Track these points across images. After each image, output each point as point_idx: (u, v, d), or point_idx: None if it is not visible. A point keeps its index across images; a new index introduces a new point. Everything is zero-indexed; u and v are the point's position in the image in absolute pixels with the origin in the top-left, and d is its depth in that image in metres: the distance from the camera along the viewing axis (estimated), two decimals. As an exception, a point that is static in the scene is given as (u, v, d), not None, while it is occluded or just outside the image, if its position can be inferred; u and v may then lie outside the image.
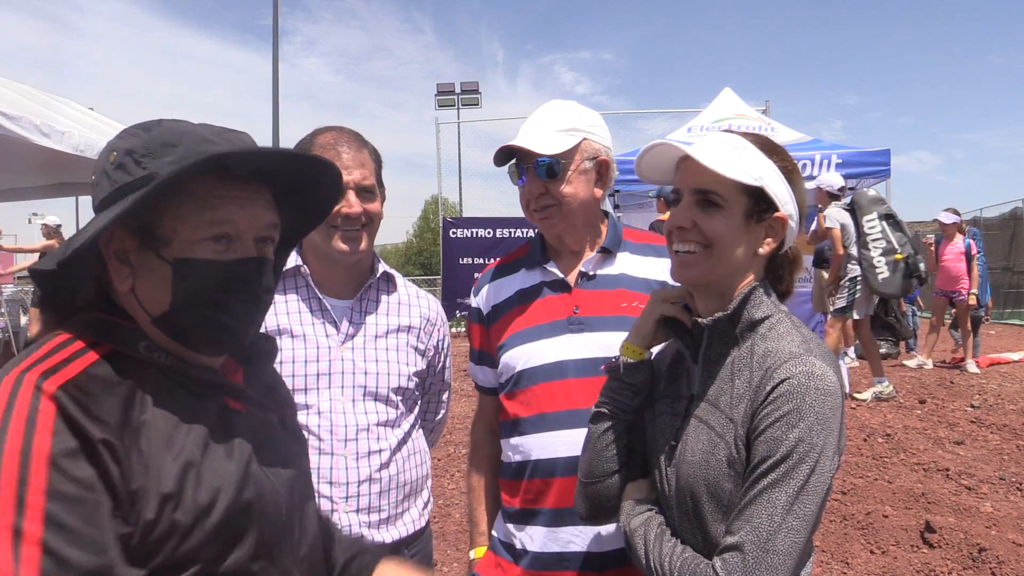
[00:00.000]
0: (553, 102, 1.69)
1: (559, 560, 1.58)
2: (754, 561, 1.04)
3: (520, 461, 1.63)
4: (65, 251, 0.91)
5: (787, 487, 1.06)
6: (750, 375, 1.15)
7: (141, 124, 1.00)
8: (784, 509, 1.05)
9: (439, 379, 1.99)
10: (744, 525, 1.07)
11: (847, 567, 3.71)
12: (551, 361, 1.61)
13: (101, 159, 0.99)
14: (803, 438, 1.06)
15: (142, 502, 0.86)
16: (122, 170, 0.95)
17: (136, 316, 0.99)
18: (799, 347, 1.14)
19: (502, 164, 1.69)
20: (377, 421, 1.70)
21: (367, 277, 1.81)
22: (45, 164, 5.16)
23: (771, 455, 1.07)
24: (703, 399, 1.21)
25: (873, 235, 8.11)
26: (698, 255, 1.20)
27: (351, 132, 1.76)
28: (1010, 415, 6.61)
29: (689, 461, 1.18)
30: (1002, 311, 16.27)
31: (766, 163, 1.20)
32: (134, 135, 0.98)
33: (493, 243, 13.52)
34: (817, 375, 1.09)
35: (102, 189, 0.97)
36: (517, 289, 1.72)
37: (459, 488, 4.98)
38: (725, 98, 10.95)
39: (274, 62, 15.52)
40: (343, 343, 1.72)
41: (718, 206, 1.18)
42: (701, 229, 1.18)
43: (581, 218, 1.66)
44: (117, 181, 0.95)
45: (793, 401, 1.08)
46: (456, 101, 30.61)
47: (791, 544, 1.05)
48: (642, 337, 1.33)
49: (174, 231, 0.95)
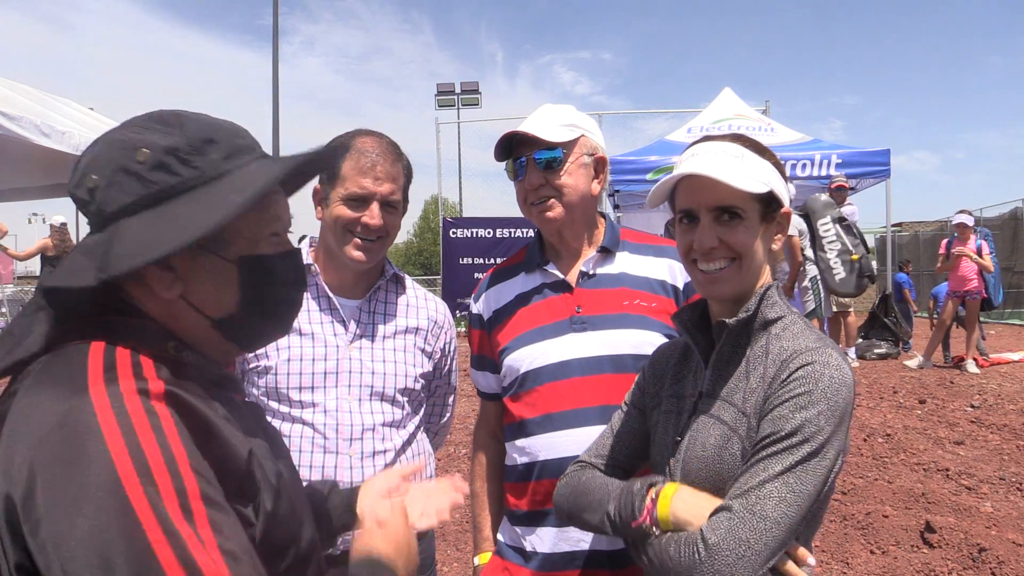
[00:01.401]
0: (549, 104, 1.72)
1: (570, 559, 1.58)
2: (739, 520, 1.03)
3: (527, 463, 1.63)
4: (109, 264, 0.83)
5: (784, 460, 1.05)
6: (764, 371, 1.16)
7: (152, 118, 0.92)
8: (777, 477, 1.04)
9: (445, 382, 1.99)
10: (736, 490, 1.07)
11: (847, 567, 3.71)
12: (556, 361, 1.61)
13: (114, 157, 0.88)
14: (810, 420, 1.06)
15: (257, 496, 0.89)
16: (164, 170, 0.88)
17: (178, 321, 0.94)
18: (816, 342, 1.15)
19: (503, 158, 1.70)
20: (383, 421, 1.71)
21: (376, 278, 1.82)
22: (45, 164, 5.16)
23: (776, 432, 1.07)
24: (713, 396, 1.22)
25: (828, 238, 8.42)
26: (728, 270, 1.20)
27: (390, 142, 1.76)
28: (1010, 415, 6.62)
29: (699, 456, 1.18)
30: (1002, 311, 16.26)
31: (765, 165, 1.22)
32: (161, 131, 0.90)
33: (493, 243, 13.52)
34: (834, 365, 1.10)
35: (126, 191, 0.87)
36: (518, 293, 1.73)
37: (459, 488, 4.97)
38: (725, 98, 10.96)
39: (274, 62, 15.53)
40: (351, 342, 1.73)
41: (740, 218, 1.19)
42: (728, 244, 1.19)
43: (579, 212, 1.66)
44: (157, 182, 0.88)
45: (807, 385, 1.08)
46: (456, 101, 30.64)
47: (780, 514, 1.03)
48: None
49: (237, 231, 0.94)
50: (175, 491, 0.74)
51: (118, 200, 0.87)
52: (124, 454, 0.74)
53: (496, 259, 12.88)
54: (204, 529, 0.75)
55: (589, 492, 1.29)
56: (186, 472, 0.76)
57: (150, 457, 0.75)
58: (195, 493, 0.76)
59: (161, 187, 0.88)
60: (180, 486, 0.75)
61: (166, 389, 0.81)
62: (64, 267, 0.86)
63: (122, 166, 0.88)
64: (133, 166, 0.87)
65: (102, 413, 0.76)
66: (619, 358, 1.59)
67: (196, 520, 0.75)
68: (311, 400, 1.66)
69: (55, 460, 0.74)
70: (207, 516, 0.76)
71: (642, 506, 1.16)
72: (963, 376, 8.78)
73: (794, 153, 9.45)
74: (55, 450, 0.74)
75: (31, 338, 0.86)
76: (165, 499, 0.73)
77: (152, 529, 0.72)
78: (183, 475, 0.76)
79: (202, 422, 0.84)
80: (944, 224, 19.94)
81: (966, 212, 9.44)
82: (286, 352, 1.68)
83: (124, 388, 0.79)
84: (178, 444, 0.78)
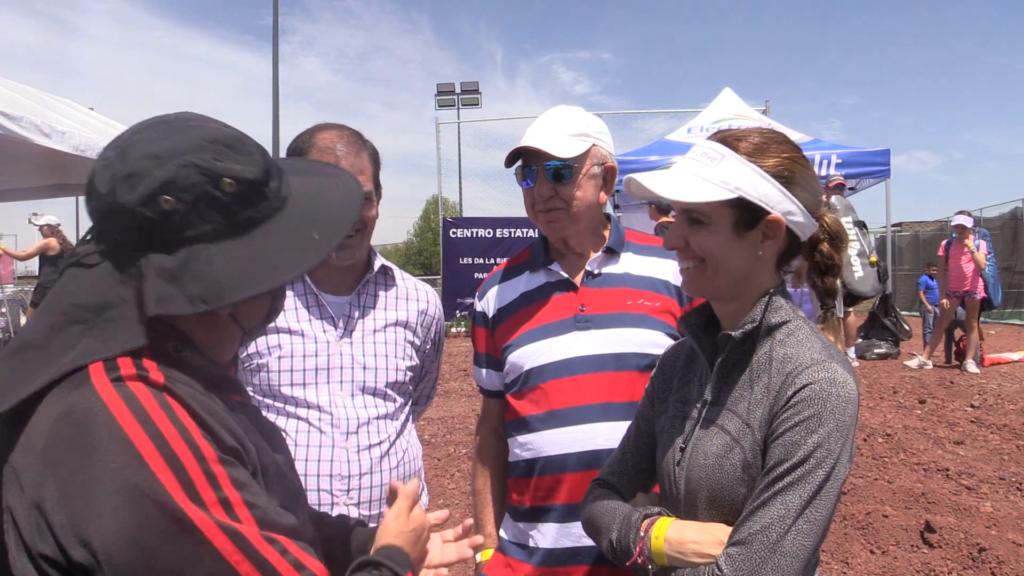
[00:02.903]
0: (561, 107, 1.70)
1: (572, 555, 1.59)
2: (760, 559, 1.04)
3: (530, 459, 1.64)
4: (213, 295, 0.84)
5: (802, 490, 1.06)
6: (768, 380, 1.15)
7: (215, 138, 0.90)
8: (797, 512, 1.05)
9: (432, 368, 2.02)
10: (754, 524, 1.07)
11: (847, 567, 3.71)
12: (559, 359, 1.63)
13: (196, 183, 0.86)
14: (821, 443, 1.06)
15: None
16: (247, 201, 0.89)
17: (213, 332, 0.95)
18: (820, 353, 1.14)
19: (512, 165, 1.70)
20: (376, 415, 1.72)
21: (364, 273, 1.83)
22: (45, 164, 5.16)
23: (788, 458, 1.07)
24: (718, 404, 1.22)
25: (850, 236, 8.43)
26: (696, 270, 1.22)
27: (351, 132, 1.76)
28: (1010, 415, 6.62)
29: (701, 464, 1.18)
30: (1002, 311, 16.26)
31: (745, 170, 1.17)
32: (237, 159, 0.90)
33: (493, 243, 13.53)
34: (839, 382, 1.09)
35: (208, 219, 0.87)
36: (522, 291, 1.74)
37: (459, 488, 4.99)
38: (725, 98, 10.97)
39: (274, 62, 15.53)
40: (341, 338, 1.74)
41: (702, 223, 1.20)
42: (692, 246, 1.21)
43: (586, 222, 1.68)
44: (239, 213, 0.89)
45: (814, 407, 1.08)
46: (456, 101, 30.64)
47: (799, 547, 1.05)
48: None
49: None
50: (195, 459, 0.79)
51: (198, 226, 0.87)
52: (141, 433, 0.77)
53: (496, 259, 12.90)
54: (229, 489, 0.81)
55: (599, 516, 1.31)
56: (201, 442, 0.81)
57: (165, 432, 0.79)
58: (213, 457, 0.81)
59: (242, 218, 0.89)
60: (199, 454, 0.80)
61: (166, 381, 0.84)
62: (149, 292, 0.84)
63: (206, 193, 0.87)
64: (218, 195, 0.87)
65: (109, 400, 0.79)
66: (622, 356, 1.60)
67: (221, 482, 0.80)
68: (304, 396, 1.68)
69: (68, 449, 0.77)
70: (228, 477, 0.82)
71: (637, 539, 1.18)
72: (963, 376, 8.79)
73: (794, 153, 9.45)
74: (66, 440, 0.77)
75: (72, 355, 0.83)
76: (189, 468, 0.78)
77: (182, 499, 0.77)
78: (199, 444, 0.81)
79: (206, 408, 0.86)
80: (944, 224, 19.92)
81: (965, 213, 9.44)
82: (278, 350, 1.69)
83: (126, 375, 0.82)
84: (187, 418, 0.82)
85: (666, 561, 1.14)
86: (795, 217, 1.19)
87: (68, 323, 0.85)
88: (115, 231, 0.88)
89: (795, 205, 1.19)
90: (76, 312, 0.86)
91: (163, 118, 0.93)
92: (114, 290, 0.87)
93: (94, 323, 0.85)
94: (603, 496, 1.35)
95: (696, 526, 1.16)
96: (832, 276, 1.27)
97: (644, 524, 1.19)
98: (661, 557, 1.15)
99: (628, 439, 1.43)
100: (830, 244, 1.27)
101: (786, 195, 1.18)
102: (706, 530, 1.14)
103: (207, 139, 0.89)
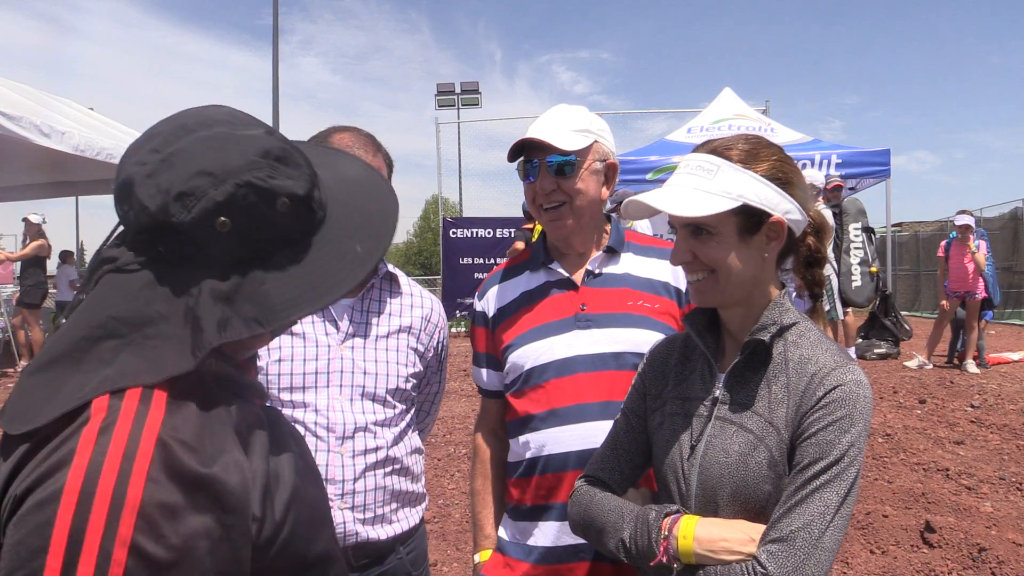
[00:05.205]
0: (563, 105, 1.71)
1: (574, 552, 1.59)
2: (804, 555, 1.06)
3: (531, 458, 1.64)
4: (267, 319, 0.82)
5: (838, 488, 1.09)
6: (787, 380, 1.18)
7: (260, 150, 0.84)
8: (835, 508, 1.09)
9: (435, 379, 2.00)
10: (794, 521, 1.08)
11: (847, 567, 3.71)
12: (560, 358, 1.63)
13: (253, 203, 0.82)
14: (853, 443, 1.11)
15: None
16: (298, 220, 0.87)
17: (238, 343, 0.90)
18: (839, 356, 1.19)
19: (514, 160, 1.70)
20: (375, 420, 1.71)
21: (370, 276, 1.82)
22: (45, 164, 5.17)
23: (823, 457, 1.10)
24: (733, 403, 1.23)
25: (856, 243, 8.41)
26: (707, 281, 1.24)
27: (367, 136, 1.76)
28: (1010, 415, 6.62)
29: (721, 462, 1.20)
30: (1002, 311, 16.25)
31: (743, 177, 1.20)
32: (288, 174, 0.86)
33: (493, 243, 13.53)
34: (864, 384, 1.15)
35: (260, 239, 0.84)
36: (523, 290, 1.74)
37: (459, 488, 4.98)
38: (725, 98, 10.98)
39: (274, 62, 15.52)
40: (343, 342, 1.73)
41: (710, 234, 1.21)
42: (700, 259, 1.23)
43: (588, 218, 1.68)
44: (291, 230, 0.86)
45: (846, 408, 1.12)
46: (456, 101, 30.64)
47: (835, 542, 1.09)
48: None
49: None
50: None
51: (252, 247, 0.84)
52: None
53: (496, 259, 12.91)
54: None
55: (603, 514, 1.29)
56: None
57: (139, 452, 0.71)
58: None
59: (294, 235, 0.87)
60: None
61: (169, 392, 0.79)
62: (208, 318, 0.80)
63: (262, 214, 0.83)
64: (273, 216, 0.84)
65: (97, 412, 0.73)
66: (622, 355, 1.61)
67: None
68: (302, 400, 1.66)
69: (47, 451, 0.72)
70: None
71: (659, 539, 1.17)
72: (963, 376, 8.78)
73: (794, 153, 9.31)
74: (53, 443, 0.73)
75: (109, 371, 0.77)
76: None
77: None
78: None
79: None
80: (944, 224, 19.92)
81: (967, 212, 9.42)
82: (277, 353, 1.68)
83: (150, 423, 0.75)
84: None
85: (694, 560, 1.14)
86: (793, 216, 1.24)
87: (104, 337, 0.79)
88: (161, 246, 0.82)
89: (792, 204, 1.24)
90: (113, 326, 0.79)
91: (202, 118, 0.86)
92: (154, 306, 0.81)
93: (131, 339, 0.79)
94: (599, 494, 1.35)
95: (724, 523, 1.16)
96: (819, 267, 1.32)
97: (666, 522, 1.19)
98: (689, 556, 1.14)
99: (618, 435, 1.42)
100: (815, 236, 1.31)
101: (783, 196, 1.23)
102: (735, 527, 1.15)
103: (259, 153, 0.84)
